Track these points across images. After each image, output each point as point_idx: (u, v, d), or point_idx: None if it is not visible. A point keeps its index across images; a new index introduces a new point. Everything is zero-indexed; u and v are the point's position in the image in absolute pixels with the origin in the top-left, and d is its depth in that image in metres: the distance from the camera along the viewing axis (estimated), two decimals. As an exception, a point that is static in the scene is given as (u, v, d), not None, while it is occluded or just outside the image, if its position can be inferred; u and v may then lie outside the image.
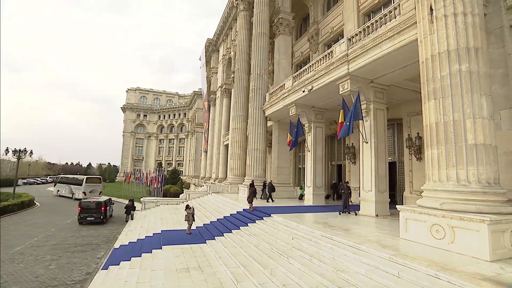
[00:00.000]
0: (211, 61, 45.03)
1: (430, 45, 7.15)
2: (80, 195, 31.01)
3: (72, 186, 34.03)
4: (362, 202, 11.82)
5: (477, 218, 5.47)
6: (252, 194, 13.02)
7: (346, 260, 5.96)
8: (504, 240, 5.55)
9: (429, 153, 7.02)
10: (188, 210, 11.89)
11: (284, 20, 21.84)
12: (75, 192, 32.99)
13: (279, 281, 5.90)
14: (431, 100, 7.03)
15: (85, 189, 31.94)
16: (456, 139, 6.42)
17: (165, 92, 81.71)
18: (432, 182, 6.79)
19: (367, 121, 11.94)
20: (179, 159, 72.86)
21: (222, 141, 36.94)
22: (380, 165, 11.66)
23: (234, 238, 9.80)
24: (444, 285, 4.35)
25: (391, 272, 5.01)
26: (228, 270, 7.18)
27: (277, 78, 21.53)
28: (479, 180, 6.10)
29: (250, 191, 13.14)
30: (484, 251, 5.34)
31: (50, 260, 10.52)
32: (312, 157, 16.13)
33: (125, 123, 75.53)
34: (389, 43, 9.62)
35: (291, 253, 7.10)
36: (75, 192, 32.86)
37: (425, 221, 6.50)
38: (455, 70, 6.62)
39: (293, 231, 8.46)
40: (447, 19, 6.89)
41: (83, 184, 32.42)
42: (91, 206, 17.19)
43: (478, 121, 6.33)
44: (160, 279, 7.05)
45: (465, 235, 5.72)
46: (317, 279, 5.55)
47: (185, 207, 12.27)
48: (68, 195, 33.70)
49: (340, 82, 12.03)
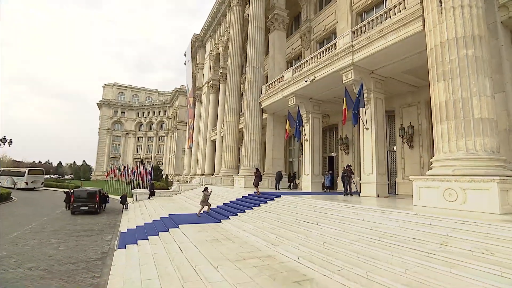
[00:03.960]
0: (197, 57, 44.67)
1: (439, 33, 8.03)
2: (22, 185, 34.54)
3: (15, 177, 36.32)
4: (363, 185, 12.63)
5: (488, 178, 6.33)
6: (258, 179, 13.38)
7: (375, 219, 6.57)
8: (509, 198, 6.45)
9: (438, 128, 7.87)
10: (206, 192, 12.04)
11: (279, 16, 22.48)
12: (17, 182, 35.45)
13: (317, 241, 6.35)
14: (441, 82, 7.89)
15: (27, 179, 35.10)
16: (464, 114, 7.30)
17: (145, 88, 79.28)
18: (442, 153, 7.63)
19: (368, 109, 12.80)
20: (159, 158, 70.99)
21: (208, 137, 36.83)
22: (380, 150, 12.54)
23: (252, 215, 10.12)
24: (472, 227, 5.06)
25: (424, 222, 5.67)
26: (259, 238, 7.51)
27: (272, 72, 22.08)
28: (485, 149, 7.01)
29: (256, 176, 13.49)
30: (494, 207, 6.18)
31: (57, 243, 10.16)
32: (310, 147, 16.82)
33: (101, 119, 72.17)
34: (394, 34, 10.50)
35: (319, 220, 7.59)
36: (17, 182, 35.41)
37: (438, 187, 7.31)
38: (463, 54, 7.54)
39: (313, 205, 8.97)
40: (455, 10, 7.80)
41: (25, 175, 35.38)
42: (85, 195, 16.52)
43: (483, 99, 7.26)
44: (193, 249, 7.21)
45: (476, 195, 6.56)
46: (355, 235, 6.09)
47: (203, 189, 12.41)
48: (11, 185, 35.13)
49: (343, 72, 12.80)
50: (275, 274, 5.05)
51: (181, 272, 5.72)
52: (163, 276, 5.78)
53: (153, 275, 6.07)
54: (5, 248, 9.20)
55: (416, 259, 4.56)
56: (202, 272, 5.45)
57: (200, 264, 5.90)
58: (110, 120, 72.41)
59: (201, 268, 5.67)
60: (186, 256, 6.69)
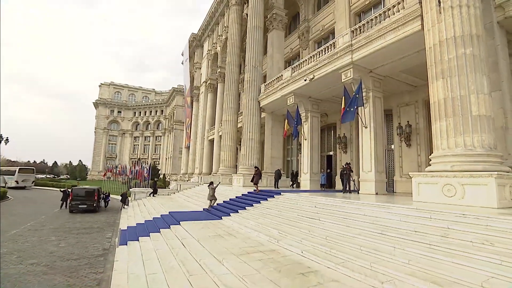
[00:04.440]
0: (194, 56, 44.62)
1: (438, 32, 8.19)
2: (12, 183, 35.32)
3: (6, 176, 36.73)
4: (362, 182, 12.78)
5: (486, 174, 6.48)
6: (258, 177, 13.45)
7: (377, 214, 6.68)
8: (505, 193, 6.61)
9: (437, 125, 8.02)
10: (212, 186, 12.19)
11: (277, 15, 22.60)
12: (8, 181, 35.79)
13: (320, 235, 6.45)
14: (439, 80, 8.05)
15: (18, 178, 36.32)
16: (463, 111, 7.46)
17: (141, 88, 78.88)
18: (441, 150, 7.79)
19: (367, 107, 12.95)
20: (155, 157, 70.69)
21: (206, 136, 36.81)
22: (379, 148, 12.70)
23: (253, 212, 10.19)
24: (472, 220, 5.19)
25: (424, 216, 5.80)
26: (261, 234, 7.59)
27: (270, 71, 22.18)
28: (483, 145, 7.18)
29: (256, 174, 13.56)
30: (492, 201, 6.33)
31: (57, 240, 10.13)
32: (308, 145, 16.94)
33: (98, 119, 71.64)
34: (392, 34, 10.66)
35: (321, 216, 7.69)
36: (8, 181, 35.79)
37: (437, 183, 7.45)
38: (461, 53, 7.70)
39: (313, 201, 9.08)
40: (453, 10, 7.96)
41: (15, 174, 36.59)
42: (83, 193, 16.45)
43: (480, 96, 7.43)
44: (196, 244, 7.26)
45: (474, 190, 6.71)
46: (358, 229, 6.20)
47: (209, 184, 12.58)
48: (2, 184, 34.87)
49: (343, 71, 12.94)
50: (279, 267, 5.13)
51: (186, 266, 5.77)
52: (167, 270, 5.83)
53: (157, 269, 6.12)
54: (5, 245, 9.17)
55: (418, 250, 4.68)
56: (207, 265, 5.51)
57: (204, 258, 5.96)
58: (106, 120, 71.93)
59: (206, 262, 5.73)
60: (190, 251, 6.74)
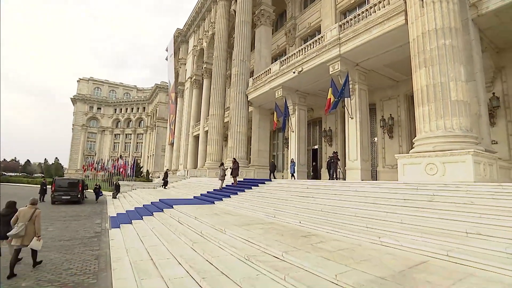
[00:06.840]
0: (179, 52, 44.10)
1: (421, 24, 8.84)
2: None
3: None
4: (348, 171, 13.33)
5: (464, 151, 7.11)
6: (236, 170, 13.64)
7: (367, 189, 7.16)
8: (480, 169, 7.27)
9: (420, 110, 8.64)
10: (223, 167, 12.31)
11: (265, 11, 22.97)
12: None
13: (315, 209, 6.80)
14: (422, 68, 8.68)
15: None
16: (443, 97, 8.11)
17: (122, 84, 76.68)
18: (423, 132, 8.40)
19: (353, 99, 13.55)
20: (137, 155, 68.85)
21: (191, 132, 36.51)
22: (364, 138, 13.33)
23: (245, 196, 10.42)
24: (453, 188, 5.74)
25: (411, 188, 6.37)
26: (258, 212, 7.85)
27: (258, 66, 22.49)
28: (461, 128, 7.84)
29: (234, 167, 13.71)
30: (469, 176, 6.94)
31: (44, 225, 9.82)
32: (296, 137, 17.39)
33: (76, 115, 68.80)
34: (378, 28, 11.29)
35: (314, 195, 8.07)
36: None
37: (420, 163, 8.03)
38: (441, 44, 8.37)
39: (305, 184, 9.46)
40: (434, 4, 8.63)
41: None
42: (67, 184, 15.91)
43: (458, 83, 8.11)
44: (194, 221, 7.38)
45: (453, 168, 7.32)
46: (351, 201, 6.61)
47: (220, 165, 12.64)
48: None
49: (330, 63, 13.47)
50: (282, 232, 5.41)
51: (187, 237, 5.90)
52: (169, 242, 5.94)
53: (157, 242, 6.21)
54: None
55: (409, 212, 5.13)
56: (210, 234, 5.68)
57: (206, 230, 6.12)
58: (85, 116, 69.27)
59: (208, 232, 5.90)
60: (189, 226, 6.87)
